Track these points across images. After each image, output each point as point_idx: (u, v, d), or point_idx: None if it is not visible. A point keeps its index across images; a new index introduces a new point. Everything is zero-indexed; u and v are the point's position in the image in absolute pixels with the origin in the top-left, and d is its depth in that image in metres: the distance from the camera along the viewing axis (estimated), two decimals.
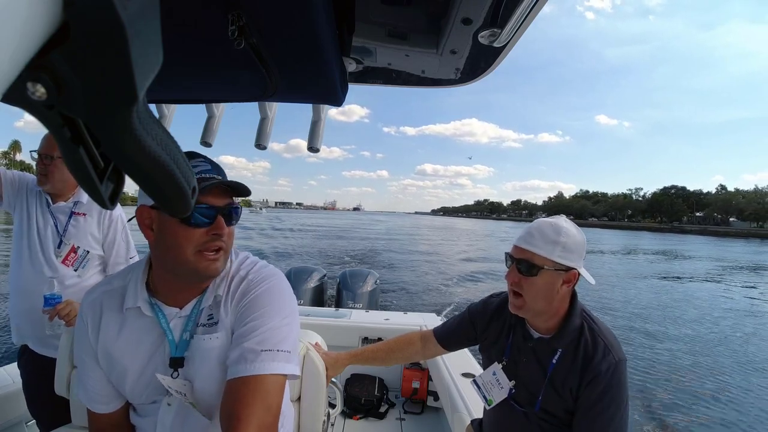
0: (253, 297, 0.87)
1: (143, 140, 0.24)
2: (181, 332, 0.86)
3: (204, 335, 0.86)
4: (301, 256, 16.00)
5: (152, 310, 0.87)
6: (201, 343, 0.85)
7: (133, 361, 0.87)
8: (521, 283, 1.07)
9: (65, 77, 0.19)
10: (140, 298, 0.87)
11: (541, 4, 0.71)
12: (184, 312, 0.88)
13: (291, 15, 0.69)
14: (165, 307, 0.88)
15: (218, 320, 0.87)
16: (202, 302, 0.88)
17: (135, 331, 0.88)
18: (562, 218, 1.12)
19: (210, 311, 0.88)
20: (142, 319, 0.88)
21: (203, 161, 0.84)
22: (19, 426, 1.86)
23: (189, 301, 0.88)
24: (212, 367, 0.85)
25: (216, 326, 0.87)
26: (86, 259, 1.62)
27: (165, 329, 0.86)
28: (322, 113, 1.54)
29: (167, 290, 0.89)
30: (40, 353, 1.59)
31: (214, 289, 0.89)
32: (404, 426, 2.34)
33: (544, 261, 1.04)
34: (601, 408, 1.01)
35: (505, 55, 1.01)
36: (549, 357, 1.10)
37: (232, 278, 0.91)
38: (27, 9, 0.16)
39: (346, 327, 2.61)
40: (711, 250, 35.28)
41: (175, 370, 0.85)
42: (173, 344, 0.86)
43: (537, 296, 1.06)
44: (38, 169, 1.59)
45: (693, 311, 9.86)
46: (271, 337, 0.82)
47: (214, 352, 0.85)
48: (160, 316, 0.87)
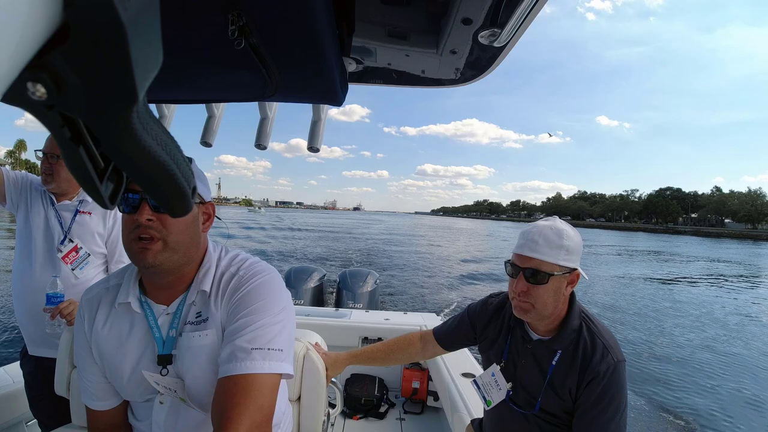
0: (245, 293, 0.86)
1: (143, 140, 0.24)
2: (168, 330, 0.87)
3: (193, 333, 0.86)
4: (299, 260, 16.02)
5: (141, 307, 0.89)
6: (190, 340, 0.85)
7: (125, 357, 0.88)
8: (530, 291, 1.05)
9: (65, 77, 0.19)
10: (131, 295, 0.89)
11: (541, 4, 0.71)
12: (171, 309, 0.89)
13: (291, 15, 0.69)
14: (154, 305, 0.89)
15: (208, 317, 0.87)
16: (187, 299, 0.88)
17: (125, 327, 0.89)
18: (557, 220, 1.10)
19: (198, 309, 0.88)
20: (131, 315, 0.89)
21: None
22: (19, 426, 1.86)
23: (174, 299, 0.89)
24: (202, 365, 0.85)
25: (206, 323, 0.87)
26: (86, 261, 1.62)
27: (152, 326, 0.87)
28: (322, 113, 1.53)
29: (152, 288, 0.90)
30: (41, 354, 1.59)
31: (198, 284, 0.88)
32: (404, 426, 2.34)
33: (552, 267, 1.03)
34: (600, 409, 1.01)
35: (505, 55, 1.01)
36: (548, 359, 1.10)
37: (222, 274, 0.90)
38: (27, 9, 0.16)
39: (346, 327, 2.61)
40: (701, 250, 35.96)
41: (164, 367, 0.86)
42: (160, 341, 0.87)
43: (547, 301, 1.05)
44: (43, 168, 1.59)
45: (683, 310, 9.96)
46: (263, 335, 0.81)
47: (204, 349, 0.85)
48: (149, 314, 0.88)
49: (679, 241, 53.59)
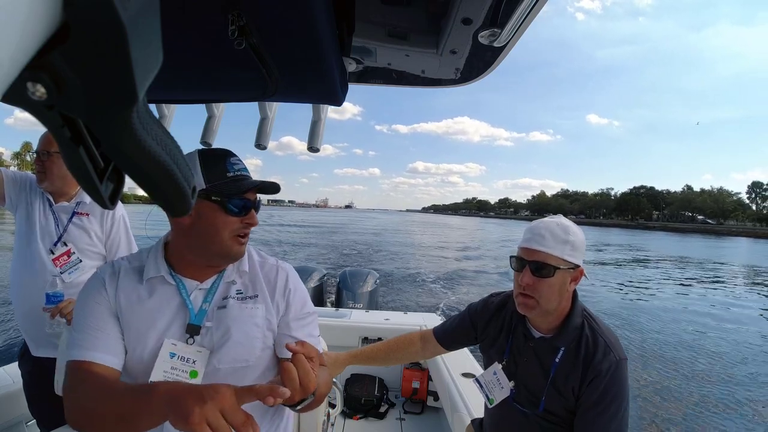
0: (298, 289, 1.02)
1: (143, 140, 0.24)
2: (202, 302, 0.92)
3: (243, 304, 0.94)
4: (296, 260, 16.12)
5: (174, 279, 0.92)
6: (241, 310, 0.93)
7: (152, 327, 0.87)
8: (535, 285, 1.06)
9: (65, 77, 0.19)
10: (162, 269, 0.92)
11: (541, 4, 0.71)
12: (205, 285, 0.94)
13: (291, 15, 0.70)
14: (186, 280, 0.93)
15: (257, 294, 0.97)
16: (223, 277, 0.96)
17: (156, 299, 0.90)
18: (562, 218, 1.12)
19: (238, 287, 0.96)
20: (163, 288, 0.91)
21: (238, 160, 0.93)
22: (19, 426, 1.86)
23: (209, 277, 0.95)
24: (245, 333, 0.92)
25: (255, 299, 0.96)
26: (76, 267, 1.60)
27: (185, 297, 0.91)
28: (322, 113, 1.53)
29: (187, 267, 0.94)
30: (41, 354, 1.59)
31: (239, 265, 0.98)
32: (404, 426, 2.34)
33: (558, 261, 1.04)
34: (602, 407, 1.01)
35: (505, 55, 1.01)
36: (551, 356, 1.10)
37: (258, 262, 1.02)
38: (27, 9, 0.16)
39: (346, 327, 2.61)
40: (660, 245, 38.35)
41: (191, 336, 0.89)
42: (192, 312, 0.90)
43: (551, 297, 1.06)
44: (36, 167, 1.59)
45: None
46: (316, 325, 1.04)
47: (254, 319, 0.94)
48: (181, 287, 0.92)
49: (646, 236, 57.96)
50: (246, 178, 0.92)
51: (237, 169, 0.92)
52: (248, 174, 0.94)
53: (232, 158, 0.92)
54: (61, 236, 1.59)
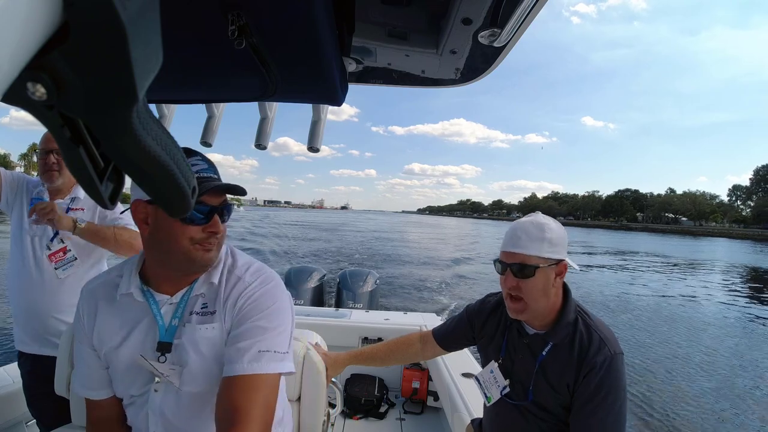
0: (253, 300, 0.90)
1: (143, 140, 0.24)
2: (171, 318, 0.89)
3: (199, 324, 0.89)
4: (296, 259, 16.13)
5: (144, 296, 0.90)
6: (196, 331, 0.88)
7: (126, 345, 0.89)
8: (519, 286, 1.07)
9: (65, 77, 0.20)
10: (132, 285, 0.90)
11: (541, 4, 0.71)
12: (175, 299, 0.91)
13: (291, 15, 0.69)
14: (156, 294, 0.91)
15: (215, 311, 0.90)
16: (193, 290, 0.91)
17: (127, 317, 0.90)
18: (539, 215, 1.13)
19: (204, 300, 0.91)
20: (134, 305, 0.90)
21: (201, 160, 0.87)
22: (19, 426, 1.86)
23: (179, 290, 0.91)
24: (203, 355, 0.87)
25: (212, 316, 0.89)
26: (71, 264, 1.61)
27: (155, 314, 0.89)
28: (322, 113, 1.53)
29: (159, 279, 0.92)
30: (40, 353, 1.59)
31: (208, 277, 0.92)
32: (404, 426, 2.34)
33: (537, 260, 1.06)
34: (597, 402, 1.01)
35: (505, 55, 1.01)
36: (541, 350, 1.11)
37: (229, 270, 0.94)
38: (27, 9, 0.16)
39: (346, 327, 2.61)
40: (640, 242, 40.34)
41: (162, 354, 0.87)
42: (162, 329, 0.88)
43: (537, 296, 1.07)
44: (45, 166, 1.59)
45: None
46: (271, 340, 0.86)
47: (208, 341, 0.88)
48: (151, 302, 0.90)
49: (628, 236, 61.19)
50: (208, 179, 0.84)
51: (197, 170, 0.84)
52: (213, 175, 0.86)
53: (192, 158, 0.85)
54: (57, 232, 1.59)
